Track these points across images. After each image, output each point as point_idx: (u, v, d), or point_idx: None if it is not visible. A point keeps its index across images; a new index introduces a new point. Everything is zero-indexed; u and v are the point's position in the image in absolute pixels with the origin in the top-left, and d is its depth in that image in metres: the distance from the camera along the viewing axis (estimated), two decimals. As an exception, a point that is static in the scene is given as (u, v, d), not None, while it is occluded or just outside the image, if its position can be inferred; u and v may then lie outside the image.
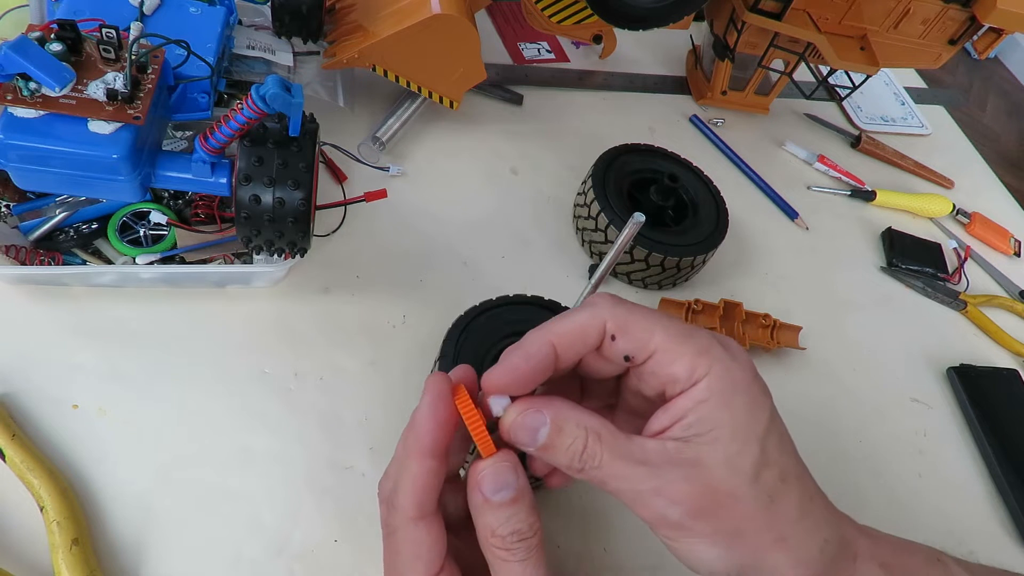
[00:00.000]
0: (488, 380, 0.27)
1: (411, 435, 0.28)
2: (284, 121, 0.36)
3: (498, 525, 0.26)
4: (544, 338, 0.27)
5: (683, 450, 0.25)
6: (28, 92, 0.32)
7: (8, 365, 0.39)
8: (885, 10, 0.61)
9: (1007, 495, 0.49)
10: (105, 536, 0.35)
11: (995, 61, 2.67)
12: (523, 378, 0.27)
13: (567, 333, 0.27)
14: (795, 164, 0.70)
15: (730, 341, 0.28)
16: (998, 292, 0.65)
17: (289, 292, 0.46)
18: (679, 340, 0.27)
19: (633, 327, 0.27)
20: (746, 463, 0.25)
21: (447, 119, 0.60)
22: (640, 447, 0.26)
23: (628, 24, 0.56)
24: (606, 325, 0.27)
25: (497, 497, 0.26)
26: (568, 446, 0.26)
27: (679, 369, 0.26)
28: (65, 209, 0.43)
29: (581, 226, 0.55)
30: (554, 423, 0.26)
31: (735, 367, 0.26)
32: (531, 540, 0.26)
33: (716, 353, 0.26)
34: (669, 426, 0.26)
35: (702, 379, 0.26)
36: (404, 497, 0.27)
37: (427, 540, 0.27)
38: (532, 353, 0.27)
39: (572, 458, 0.26)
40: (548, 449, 0.27)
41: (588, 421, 0.26)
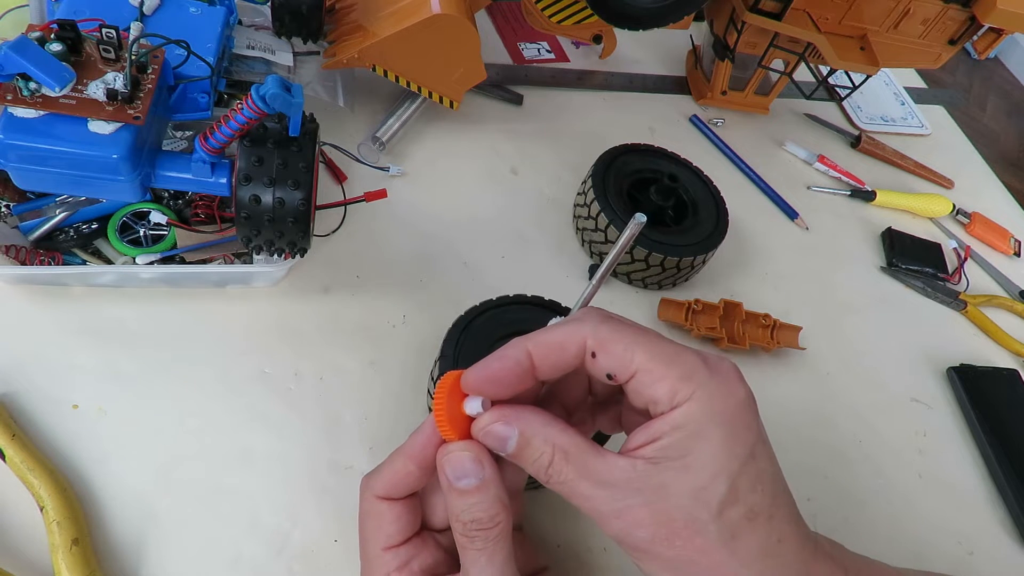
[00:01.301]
0: (464, 380, 0.28)
1: (413, 440, 0.30)
2: (284, 121, 0.36)
3: (460, 511, 0.28)
4: (522, 346, 0.28)
5: (651, 474, 0.25)
6: (28, 92, 0.32)
7: (8, 365, 0.39)
8: (885, 10, 0.61)
9: (1007, 495, 0.49)
10: (105, 536, 0.35)
11: (995, 61, 2.67)
12: (497, 382, 0.28)
13: (544, 344, 0.28)
14: (795, 164, 0.70)
15: (724, 367, 0.27)
16: (998, 292, 0.65)
17: (289, 292, 0.46)
18: (663, 362, 0.26)
19: (614, 346, 0.27)
20: (712, 498, 0.25)
21: (447, 119, 0.60)
22: (608, 466, 0.26)
23: (628, 24, 0.56)
24: (586, 342, 0.27)
25: (461, 484, 0.28)
26: (534, 459, 0.27)
27: (659, 392, 0.26)
28: (65, 209, 0.43)
29: (581, 226, 0.55)
30: (522, 436, 0.27)
31: (719, 397, 0.26)
32: (490, 531, 0.27)
33: (700, 379, 0.26)
34: (646, 443, 0.26)
35: (682, 404, 0.26)
36: (378, 478, 0.30)
37: (388, 516, 0.30)
38: (507, 357, 0.28)
39: (538, 471, 0.27)
40: (516, 458, 0.28)
41: (557, 438, 0.27)
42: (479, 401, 0.28)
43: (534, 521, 0.40)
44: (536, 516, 0.40)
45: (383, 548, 0.30)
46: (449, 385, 0.28)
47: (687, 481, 0.25)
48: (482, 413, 0.28)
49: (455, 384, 0.28)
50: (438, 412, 0.28)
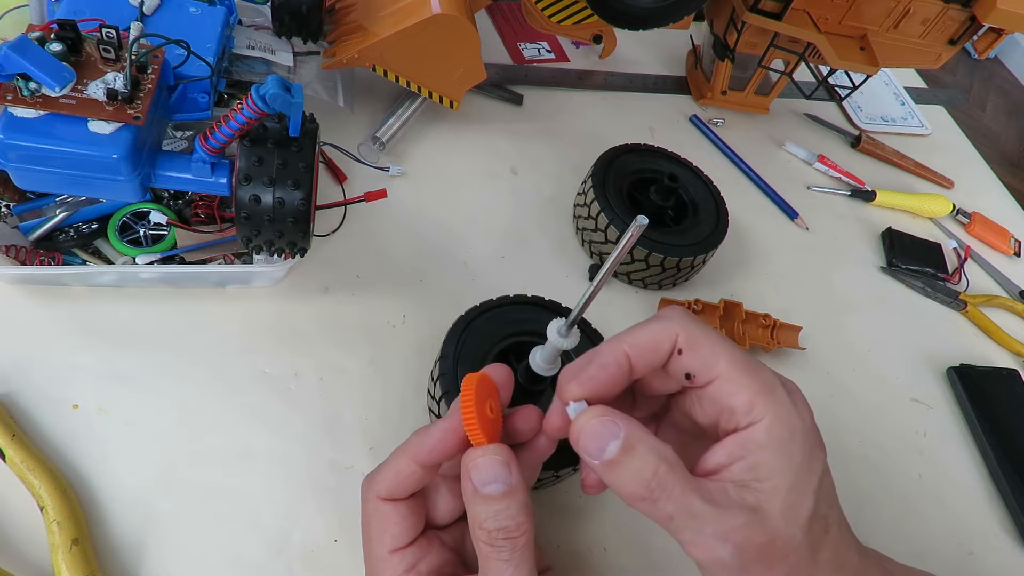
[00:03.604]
0: (564, 389, 0.27)
1: (417, 440, 0.29)
2: (284, 121, 0.36)
3: (486, 518, 0.27)
4: (619, 348, 0.27)
5: (744, 496, 0.25)
6: (28, 92, 0.32)
7: (8, 365, 0.39)
8: (885, 10, 0.61)
9: (1007, 495, 0.49)
10: (105, 536, 0.35)
11: (995, 61, 2.67)
12: (600, 387, 0.27)
13: (641, 343, 0.27)
14: (795, 164, 0.70)
15: (794, 386, 0.27)
16: (998, 292, 0.65)
17: (289, 292, 0.46)
18: (744, 372, 0.26)
19: (701, 346, 0.27)
20: (801, 515, 0.25)
21: (447, 119, 0.60)
22: (706, 486, 0.25)
23: (628, 24, 0.56)
24: (677, 338, 0.27)
25: (487, 489, 0.27)
26: (636, 468, 0.25)
27: (738, 402, 0.26)
28: (65, 209, 0.43)
29: (581, 226, 0.55)
30: (627, 439, 0.25)
31: (795, 415, 0.26)
32: (518, 539, 0.26)
33: (779, 396, 0.26)
34: (727, 464, 0.26)
35: (760, 421, 0.25)
36: (381, 477, 0.29)
37: (393, 517, 0.29)
38: (608, 363, 0.27)
39: (638, 483, 0.25)
40: (613, 466, 0.25)
41: (661, 448, 0.25)
42: (580, 407, 0.27)
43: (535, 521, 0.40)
44: (536, 516, 0.40)
45: (390, 551, 0.29)
46: (475, 387, 0.27)
47: (779, 501, 0.25)
48: (584, 410, 0.27)
49: (480, 386, 0.28)
50: (468, 415, 0.27)
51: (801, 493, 0.25)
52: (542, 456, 0.30)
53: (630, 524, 0.42)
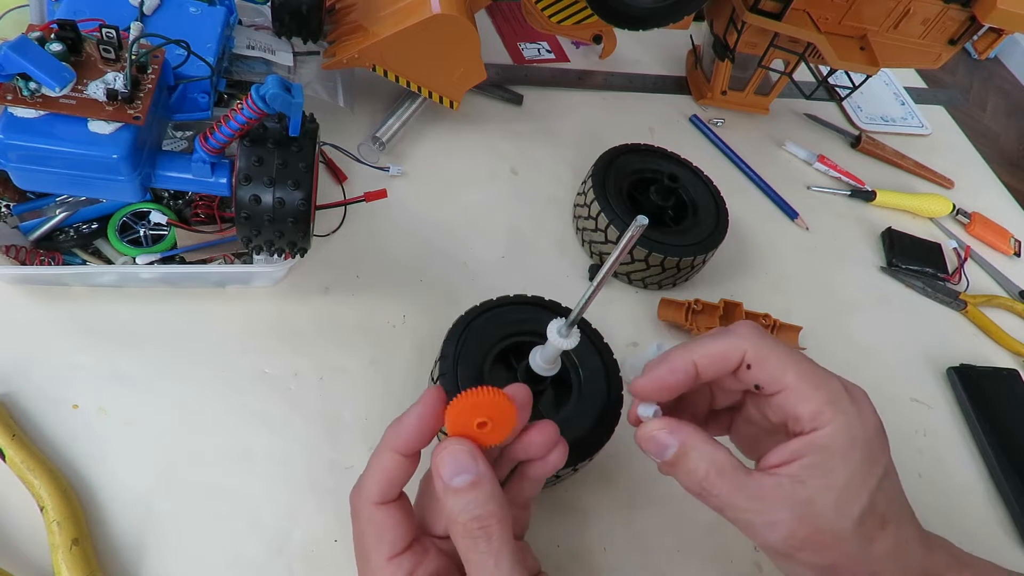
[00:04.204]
0: (635, 387, 0.31)
1: (393, 432, 0.30)
2: (284, 121, 0.36)
3: (459, 511, 0.27)
4: (689, 357, 0.30)
5: (797, 491, 0.28)
6: (28, 92, 0.32)
7: (8, 365, 0.39)
8: (885, 10, 0.61)
9: (1007, 495, 0.49)
10: (105, 536, 0.35)
11: (995, 61, 2.67)
12: (666, 388, 0.30)
13: (710, 356, 0.30)
14: (795, 164, 0.70)
15: (860, 395, 0.30)
16: (998, 292, 0.65)
17: (289, 292, 0.46)
18: (811, 384, 0.29)
19: (769, 362, 0.29)
20: (854, 511, 0.28)
21: (447, 119, 0.60)
22: (757, 483, 0.28)
23: (628, 24, 0.56)
24: (746, 354, 0.30)
25: (455, 482, 0.28)
26: (690, 471, 0.29)
27: (804, 412, 0.29)
28: (65, 209, 0.43)
29: (581, 226, 0.55)
30: (681, 447, 0.29)
31: (858, 423, 0.28)
32: (492, 528, 0.27)
33: (843, 405, 0.29)
34: (788, 461, 0.28)
35: (824, 426, 0.28)
36: (369, 482, 0.30)
37: (388, 522, 0.29)
38: (676, 368, 0.30)
39: (691, 482, 0.29)
40: (671, 467, 0.30)
41: (713, 454, 0.29)
42: (650, 409, 0.31)
43: (534, 521, 0.40)
44: (536, 516, 0.40)
45: (387, 558, 0.29)
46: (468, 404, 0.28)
47: (831, 497, 0.28)
48: (649, 419, 0.30)
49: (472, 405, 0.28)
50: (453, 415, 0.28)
51: (855, 492, 0.28)
52: (554, 468, 0.31)
53: (630, 524, 0.42)
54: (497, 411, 0.28)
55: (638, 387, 0.31)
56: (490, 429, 0.28)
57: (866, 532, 0.28)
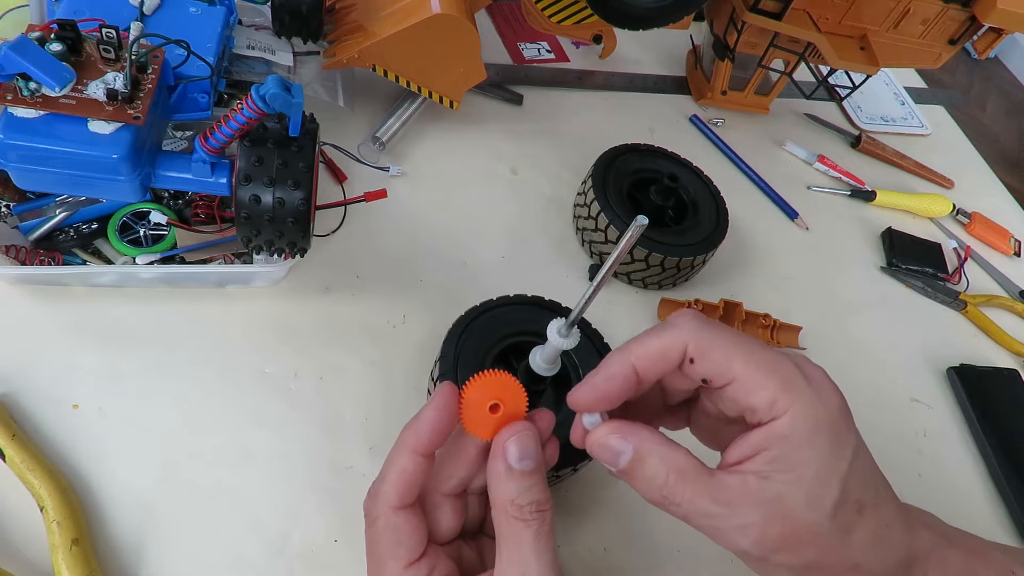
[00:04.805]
0: (572, 398, 0.29)
1: (410, 432, 0.29)
2: (284, 121, 0.36)
3: (519, 494, 0.27)
4: (625, 359, 0.28)
5: (764, 488, 0.26)
6: (28, 92, 0.32)
7: (8, 365, 0.39)
8: (885, 10, 0.61)
9: (1007, 495, 0.49)
10: (105, 536, 0.35)
11: (995, 61, 2.67)
12: (605, 397, 0.28)
13: (648, 355, 0.28)
14: (795, 164, 0.70)
15: (816, 372, 0.28)
16: (998, 292, 0.65)
17: (289, 292, 0.46)
18: (762, 371, 0.26)
19: (713, 352, 0.27)
20: (827, 502, 0.26)
21: (447, 119, 0.60)
22: (721, 484, 0.26)
23: (628, 24, 0.56)
24: (687, 347, 0.27)
25: (520, 465, 0.28)
26: (648, 477, 0.27)
27: (758, 401, 0.26)
28: (65, 209, 0.43)
29: (581, 226, 0.55)
30: (636, 452, 0.27)
31: (819, 404, 0.26)
32: (547, 512, 0.28)
33: (800, 388, 0.26)
34: (750, 456, 0.26)
35: (783, 414, 0.26)
36: (388, 487, 0.29)
37: (407, 528, 0.29)
38: (614, 374, 0.28)
39: (650, 489, 0.27)
40: (627, 474, 0.28)
41: (672, 456, 0.27)
42: (595, 418, 0.29)
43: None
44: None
45: (406, 565, 0.28)
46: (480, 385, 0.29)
47: (801, 490, 0.25)
48: (597, 425, 0.28)
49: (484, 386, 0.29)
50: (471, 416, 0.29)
51: (826, 482, 0.26)
52: (549, 464, 0.31)
53: (630, 524, 0.42)
54: (508, 391, 0.29)
55: (576, 398, 0.29)
56: (503, 413, 0.29)
57: (843, 522, 0.26)
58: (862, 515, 0.26)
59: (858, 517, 0.26)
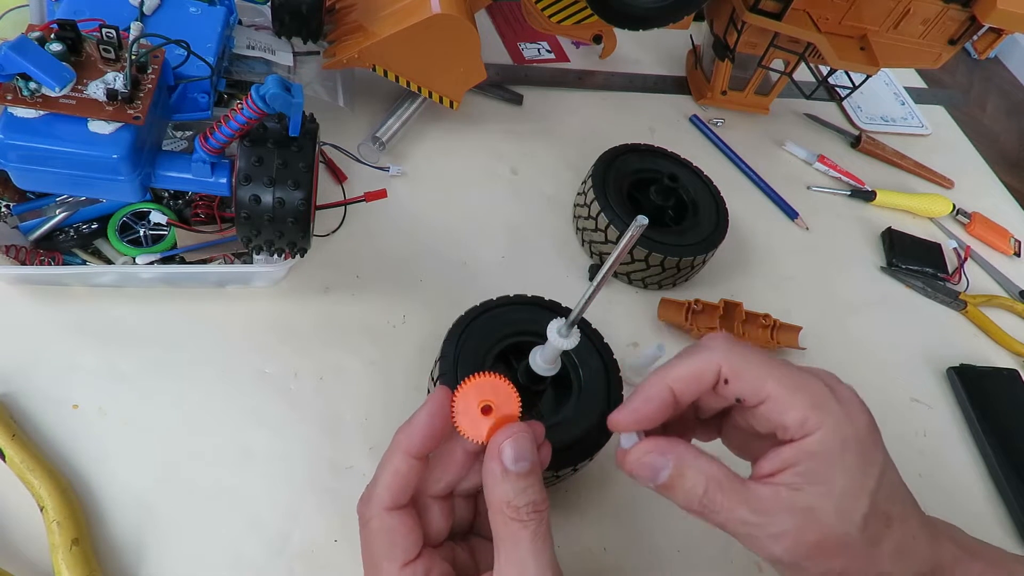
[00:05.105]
0: (613, 420, 0.30)
1: (403, 434, 0.30)
2: (284, 121, 0.36)
3: (515, 495, 0.28)
4: (663, 383, 0.29)
5: (796, 499, 0.27)
6: (28, 92, 0.32)
7: (8, 365, 0.39)
8: (885, 10, 0.61)
9: (1007, 495, 0.49)
10: (105, 536, 0.35)
11: (995, 61, 2.67)
12: (644, 419, 0.29)
13: (684, 378, 0.29)
14: (795, 164, 0.70)
15: (845, 392, 0.29)
16: (998, 292, 0.65)
17: (289, 292, 0.46)
18: (792, 390, 0.28)
19: (747, 373, 0.28)
20: (857, 515, 0.27)
21: (447, 119, 0.60)
22: (756, 495, 0.28)
23: (628, 24, 0.56)
24: (721, 369, 0.29)
25: (516, 467, 0.28)
26: (688, 489, 0.28)
27: (790, 420, 0.27)
28: (65, 209, 0.43)
29: (581, 226, 0.55)
30: (676, 468, 0.28)
31: (847, 424, 0.27)
32: (544, 513, 0.28)
33: (830, 408, 0.27)
34: (782, 469, 0.28)
35: (813, 432, 0.27)
36: (381, 488, 0.29)
37: (401, 529, 0.29)
38: (652, 396, 0.29)
39: (690, 501, 0.28)
40: (668, 489, 0.29)
41: (709, 469, 0.28)
42: (633, 438, 0.30)
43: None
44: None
45: (402, 565, 0.29)
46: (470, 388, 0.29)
47: (831, 503, 0.27)
48: (636, 443, 0.29)
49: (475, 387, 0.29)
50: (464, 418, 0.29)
51: (855, 496, 0.27)
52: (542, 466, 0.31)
53: (630, 524, 0.42)
54: (500, 393, 0.29)
55: (617, 420, 0.30)
56: (495, 415, 0.29)
57: (871, 534, 0.27)
58: (890, 527, 0.28)
59: (886, 530, 0.28)
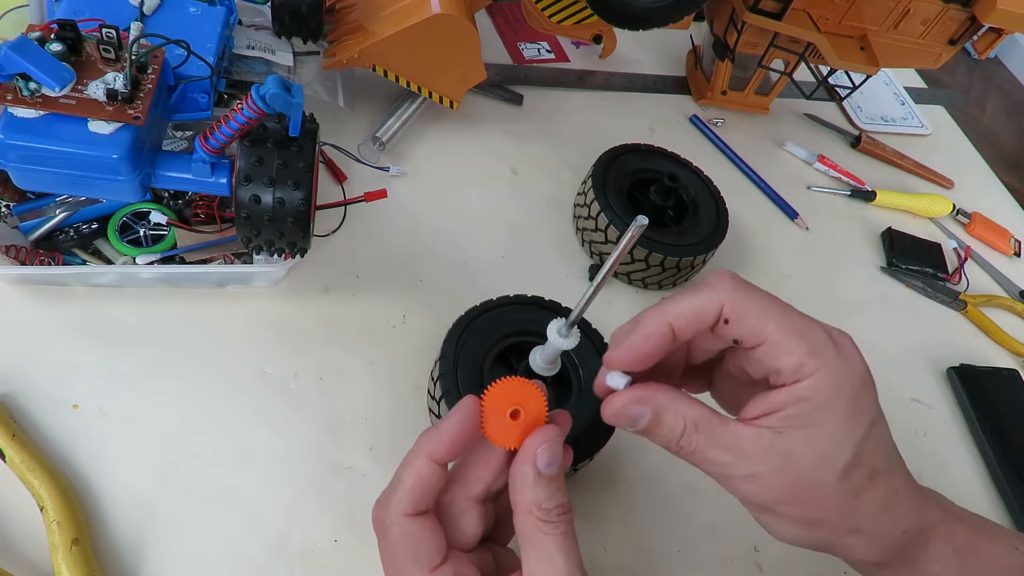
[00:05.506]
0: (609, 358, 0.29)
1: (429, 439, 0.29)
2: (284, 121, 0.36)
3: (545, 498, 0.28)
4: (662, 318, 0.28)
5: (777, 442, 0.27)
6: (28, 92, 0.32)
7: (8, 365, 0.39)
8: (885, 10, 0.61)
9: (1007, 495, 0.49)
10: (105, 536, 0.35)
11: (995, 61, 2.67)
12: (641, 357, 0.28)
13: (684, 315, 0.28)
14: (795, 164, 0.70)
15: (845, 341, 0.28)
16: (998, 292, 0.65)
17: (289, 292, 0.46)
18: (792, 335, 0.27)
19: (748, 315, 0.27)
20: (838, 463, 0.26)
21: (447, 119, 0.60)
22: (735, 435, 0.27)
23: (628, 24, 0.56)
24: (723, 308, 0.28)
25: (549, 470, 0.28)
26: (666, 432, 0.28)
27: (785, 364, 0.27)
28: (65, 209, 0.43)
29: (581, 226, 0.55)
30: (654, 413, 0.28)
31: (843, 372, 0.27)
32: (570, 514, 0.28)
33: (827, 355, 0.27)
34: (767, 413, 0.27)
35: (807, 378, 0.27)
36: (402, 493, 0.28)
37: (425, 533, 0.28)
38: (650, 332, 0.28)
39: (668, 443, 0.28)
40: (647, 432, 0.29)
41: (687, 411, 0.28)
42: (622, 380, 0.29)
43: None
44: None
45: (430, 570, 0.28)
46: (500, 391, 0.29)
47: (813, 448, 0.26)
48: (615, 393, 0.29)
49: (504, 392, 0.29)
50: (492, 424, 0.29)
51: (839, 444, 0.26)
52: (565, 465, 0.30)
53: (630, 524, 0.42)
54: (527, 396, 0.29)
55: (612, 357, 0.29)
56: (524, 419, 0.29)
57: (852, 485, 0.27)
58: (873, 481, 0.27)
59: (869, 483, 0.27)
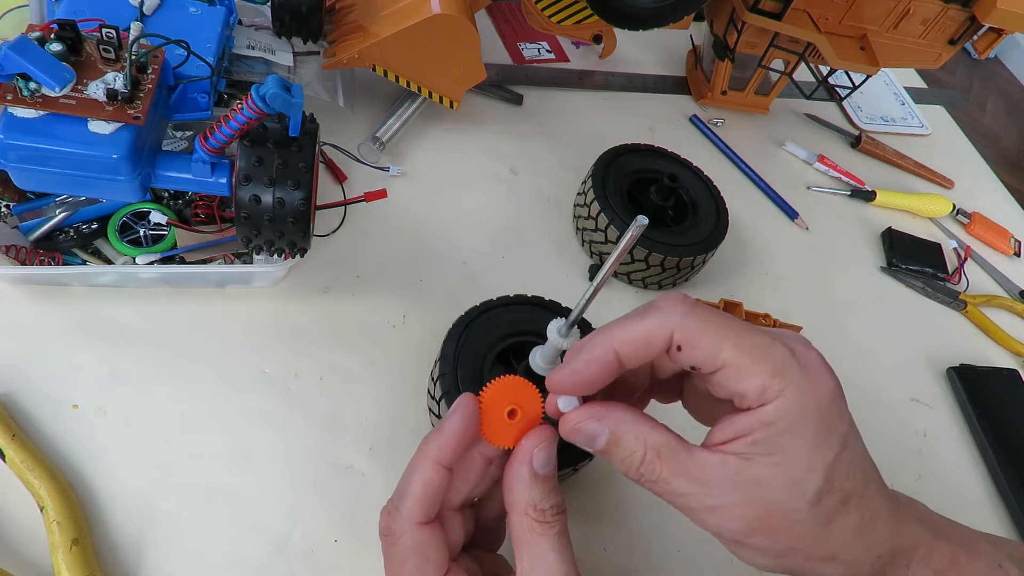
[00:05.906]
0: (551, 382, 0.28)
1: (434, 443, 0.28)
2: (284, 121, 0.36)
3: (541, 498, 0.27)
4: (607, 344, 0.27)
5: (743, 470, 0.25)
6: (28, 92, 0.32)
7: (8, 365, 0.39)
8: (885, 10, 0.61)
9: (1007, 495, 0.49)
10: (105, 536, 0.35)
11: (995, 61, 2.67)
12: (585, 383, 0.27)
13: (631, 341, 0.27)
14: (795, 164, 0.70)
15: (812, 359, 0.26)
16: (998, 292, 0.65)
17: (289, 292, 0.46)
18: (752, 357, 0.25)
19: (701, 340, 0.26)
20: (808, 489, 0.25)
21: (447, 119, 0.60)
22: (700, 464, 0.26)
23: (628, 24, 0.56)
24: (673, 334, 0.26)
25: (544, 470, 0.28)
26: (624, 457, 0.27)
27: (748, 388, 0.25)
28: (65, 209, 0.43)
29: (581, 226, 0.55)
30: (612, 434, 0.27)
31: (810, 391, 0.25)
32: (565, 514, 0.28)
33: (791, 375, 0.25)
34: (733, 439, 0.26)
35: (771, 402, 0.25)
36: (413, 501, 0.28)
37: (434, 543, 0.28)
38: (595, 358, 0.27)
39: (628, 468, 0.27)
40: (605, 454, 0.27)
41: (648, 435, 0.26)
42: (572, 402, 0.28)
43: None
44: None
45: None
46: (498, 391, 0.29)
47: (782, 475, 0.25)
48: (572, 410, 0.28)
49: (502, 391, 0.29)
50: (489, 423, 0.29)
51: (809, 468, 0.25)
52: None
53: (630, 524, 0.42)
54: (524, 396, 0.29)
55: (554, 382, 0.28)
56: (521, 418, 0.29)
57: (824, 512, 0.25)
58: (846, 506, 0.26)
59: (842, 508, 0.26)
